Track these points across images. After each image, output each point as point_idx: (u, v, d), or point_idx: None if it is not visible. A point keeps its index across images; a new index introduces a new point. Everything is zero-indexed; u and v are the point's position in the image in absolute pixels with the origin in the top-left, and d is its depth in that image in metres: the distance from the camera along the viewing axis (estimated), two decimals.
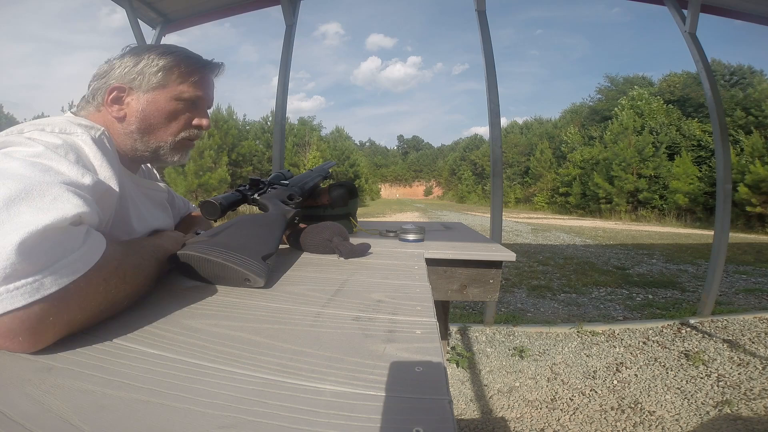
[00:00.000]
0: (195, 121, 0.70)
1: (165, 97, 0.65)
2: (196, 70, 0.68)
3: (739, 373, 2.18)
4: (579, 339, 2.74)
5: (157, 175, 0.88)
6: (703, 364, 2.31)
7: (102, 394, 0.28)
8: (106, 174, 0.51)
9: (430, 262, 0.85)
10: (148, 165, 0.83)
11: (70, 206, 0.37)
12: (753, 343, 2.60)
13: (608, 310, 3.54)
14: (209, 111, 0.75)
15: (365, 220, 1.53)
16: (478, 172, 41.09)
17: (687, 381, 2.13)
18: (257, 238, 0.59)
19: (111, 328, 0.39)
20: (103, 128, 0.56)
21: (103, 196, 0.49)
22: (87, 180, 0.44)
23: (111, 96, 0.63)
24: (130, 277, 0.43)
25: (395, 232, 1.06)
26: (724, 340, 2.66)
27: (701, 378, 2.15)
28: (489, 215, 3.05)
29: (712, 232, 3.23)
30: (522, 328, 2.93)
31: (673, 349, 2.54)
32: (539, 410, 1.87)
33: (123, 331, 0.39)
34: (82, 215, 0.38)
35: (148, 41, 3.63)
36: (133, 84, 0.64)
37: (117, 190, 0.52)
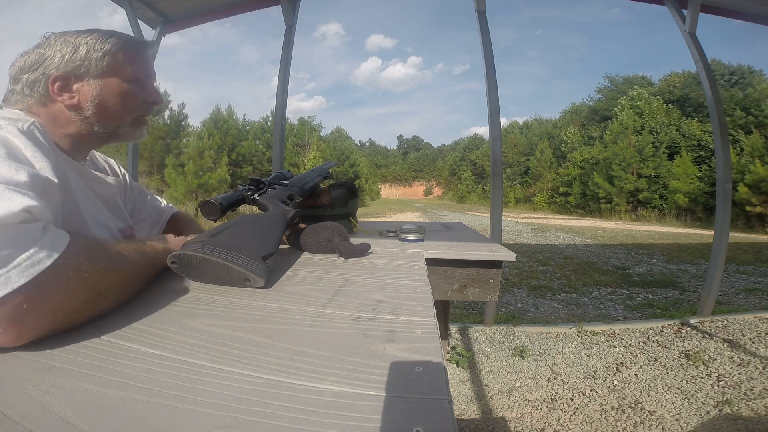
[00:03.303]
0: (149, 99, 0.72)
1: (118, 80, 0.67)
2: (139, 51, 0.71)
3: (739, 373, 2.18)
4: (579, 339, 2.74)
5: (118, 169, 0.85)
6: (703, 363, 2.31)
7: (102, 394, 0.28)
8: (40, 165, 0.48)
9: (430, 262, 0.85)
10: (112, 162, 0.83)
11: (14, 204, 0.36)
12: (753, 342, 2.60)
13: (608, 310, 3.54)
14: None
15: (365, 220, 1.52)
16: (478, 172, 41.09)
17: (687, 381, 2.13)
18: (257, 238, 0.59)
19: (110, 328, 0.39)
20: (32, 119, 0.53)
21: (45, 188, 0.47)
22: (22, 176, 0.42)
23: (56, 85, 0.62)
24: (111, 266, 0.42)
25: (395, 232, 1.06)
26: (725, 340, 2.66)
27: (701, 378, 2.15)
28: (489, 215, 3.05)
29: (712, 232, 3.23)
30: (522, 328, 2.93)
31: (674, 349, 2.54)
32: (539, 410, 1.87)
33: (122, 331, 0.39)
34: (31, 210, 0.37)
35: None
36: (78, 71, 0.63)
37: (56, 180, 0.50)
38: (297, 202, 0.82)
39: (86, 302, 0.39)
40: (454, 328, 2.91)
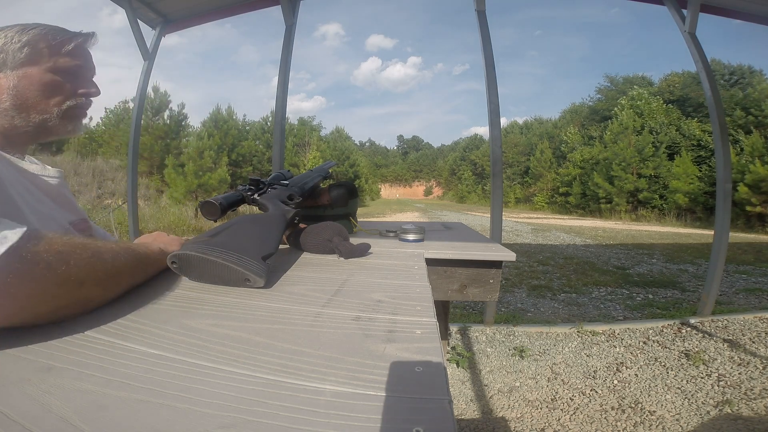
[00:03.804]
0: (81, 91, 0.70)
1: (39, 71, 0.64)
2: (68, 41, 0.68)
3: (739, 373, 2.18)
4: (579, 339, 2.74)
5: (54, 171, 0.82)
6: (703, 363, 2.31)
7: (102, 394, 0.28)
8: None
9: (430, 262, 0.84)
10: (48, 166, 0.80)
11: None
12: (753, 342, 2.60)
13: (608, 310, 3.54)
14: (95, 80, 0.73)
15: (365, 220, 1.52)
16: (478, 172, 41.10)
17: (687, 381, 2.13)
18: (257, 239, 0.59)
19: (110, 328, 0.39)
20: None
21: None
22: None
23: None
24: (78, 253, 0.41)
25: (395, 232, 1.06)
26: (725, 340, 2.66)
27: (702, 378, 2.15)
28: (489, 215, 3.05)
29: (712, 232, 3.23)
30: (522, 328, 2.93)
31: (674, 349, 2.54)
32: (539, 410, 1.87)
33: (123, 331, 0.39)
34: None
35: (148, 41, 3.63)
36: None
37: None
38: (297, 202, 0.82)
39: (58, 287, 0.38)
40: (454, 328, 2.91)
